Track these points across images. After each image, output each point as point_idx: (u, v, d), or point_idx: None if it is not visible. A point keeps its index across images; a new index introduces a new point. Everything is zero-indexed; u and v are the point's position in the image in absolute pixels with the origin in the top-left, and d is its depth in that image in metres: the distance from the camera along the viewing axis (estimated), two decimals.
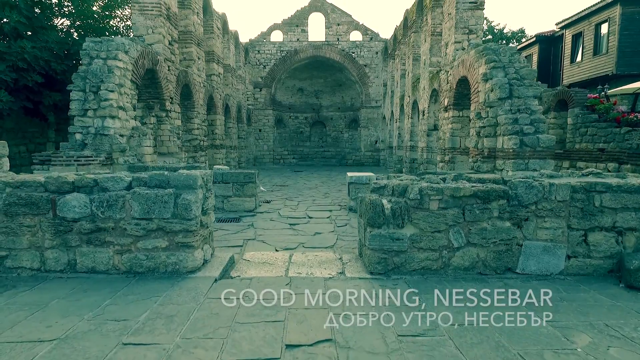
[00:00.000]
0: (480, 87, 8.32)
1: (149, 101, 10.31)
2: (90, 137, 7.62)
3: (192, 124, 12.92)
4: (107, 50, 7.98)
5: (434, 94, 12.51)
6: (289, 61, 23.46)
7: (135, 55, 8.67)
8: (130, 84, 8.51)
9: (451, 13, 10.53)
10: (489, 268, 3.83)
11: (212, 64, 15.27)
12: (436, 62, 12.68)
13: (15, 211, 3.79)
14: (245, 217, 7.28)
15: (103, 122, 7.63)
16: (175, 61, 11.15)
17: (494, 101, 7.64)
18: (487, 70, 7.95)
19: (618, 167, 9.69)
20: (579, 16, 15.92)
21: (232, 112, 18.19)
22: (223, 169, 8.14)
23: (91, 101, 7.64)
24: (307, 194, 10.47)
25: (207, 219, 4.19)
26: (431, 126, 13.05)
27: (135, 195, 3.76)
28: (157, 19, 10.14)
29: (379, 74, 23.34)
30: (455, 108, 10.37)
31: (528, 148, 7.04)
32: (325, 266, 4.10)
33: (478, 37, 10.22)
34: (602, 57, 14.68)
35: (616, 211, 3.78)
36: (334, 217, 7.31)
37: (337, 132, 26.23)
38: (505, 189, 3.79)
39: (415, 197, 3.76)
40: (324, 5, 23.23)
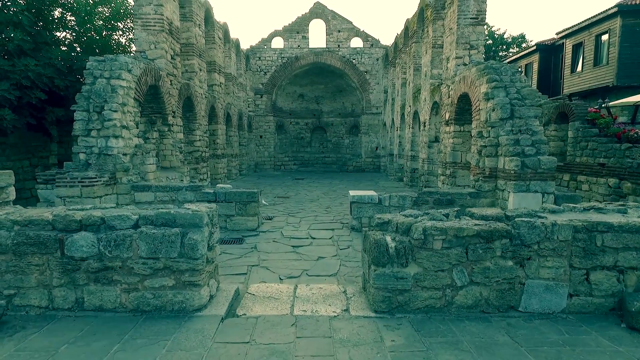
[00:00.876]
0: (481, 106, 8.36)
1: (152, 116, 10.36)
2: (94, 157, 7.66)
3: (194, 135, 12.97)
4: (111, 70, 8.02)
5: (435, 106, 12.56)
6: (289, 67, 23.50)
7: (138, 73, 8.71)
8: (134, 102, 8.55)
9: (452, 28, 10.58)
10: (492, 306, 3.88)
11: (214, 74, 15.32)
12: (437, 75, 12.72)
13: (24, 250, 3.83)
14: (248, 238, 7.33)
15: (107, 142, 7.67)
16: (177, 75, 11.19)
17: (496, 121, 7.68)
18: (489, 90, 7.99)
19: (618, 183, 9.74)
20: (579, 26, 15.97)
21: (233, 120, 18.24)
22: (226, 187, 8.18)
23: (95, 121, 7.68)
24: (308, 208, 10.51)
25: (212, 254, 4.24)
26: (432, 138, 13.09)
27: (142, 235, 3.81)
28: (160, 34, 10.19)
29: (380, 81, 23.38)
30: (457, 123, 10.41)
31: (529, 170, 7.08)
32: (330, 302, 4.14)
33: (479, 52, 10.26)
34: (603, 68, 14.72)
35: (617, 251, 3.83)
36: (336, 237, 7.35)
37: (338, 138, 26.26)
38: (508, 228, 3.83)
39: (419, 237, 3.80)
40: (325, 12, 23.27)
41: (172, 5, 10.89)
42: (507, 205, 7.32)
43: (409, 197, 7.86)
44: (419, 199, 7.84)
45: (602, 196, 10.34)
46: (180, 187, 7.86)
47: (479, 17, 10.13)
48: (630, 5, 13.58)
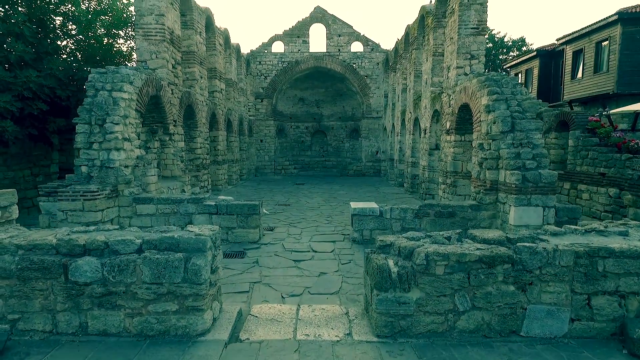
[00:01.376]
0: (482, 117, 8.38)
1: (153, 125, 10.38)
2: (96, 170, 7.68)
3: (195, 143, 12.99)
4: (112, 82, 8.04)
5: (435, 114, 12.58)
6: (290, 72, 23.52)
7: (140, 84, 8.73)
8: (135, 113, 8.57)
9: (453, 37, 10.59)
10: (494, 331, 3.90)
11: (215, 81, 15.35)
12: (438, 82, 12.74)
13: (28, 275, 3.85)
14: (249, 250, 7.35)
15: (108, 154, 7.69)
16: (178, 84, 11.21)
17: (496, 134, 7.70)
18: (490, 102, 8.01)
19: (619, 193, 9.76)
20: (579, 33, 15.99)
21: (233, 125, 18.25)
22: (227, 199, 8.20)
23: (97, 134, 7.70)
24: (309, 218, 10.53)
25: (215, 276, 4.26)
26: (433, 145, 13.11)
27: (146, 260, 3.83)
28: (161, 44, 10.21)
29: (380, 85, 23.41)
30: (457, 132, 10.43)
31: (530, 184, 7.10)
32: (333, 325, 4.16)
33: (480, 62, 10.28)
34: (603, 76, 14.74)
35: (619, 276, 3.85)
36: (337, 250, 7.37)
37: (338, 142, 26.29)
38: (509, 253, 3.85)
39: (422, 263, 3.82)
40: (325, 17, 23.29)
41: (173, 14, 10.91)
42: (508, 219, 7.34)
43: (410, 209, 7.88)
44: (420, 211, 7.87)
45: (602, 206, 10.37)
46: (182, 199, 7.88)
47: (480, 27, 10.15)
48: (631, 13, 13.59)
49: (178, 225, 7.84)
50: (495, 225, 7.86)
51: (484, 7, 10.13)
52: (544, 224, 7.18)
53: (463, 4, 10.07)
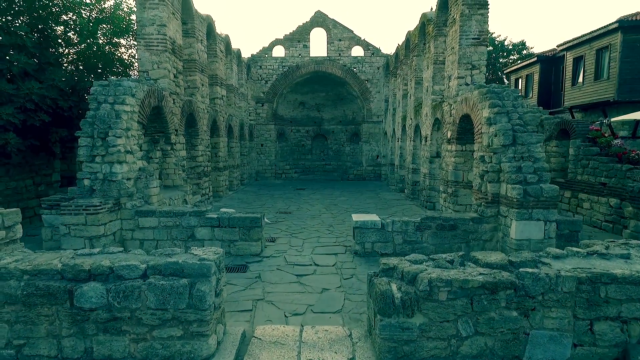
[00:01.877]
0: (483, 129, 8.40)
1: (154, 135, 10.40)
2: (99, 183, 7.71)
3: (197, 151, 13.01)
4: (115, 95, 8.06)
5: (436, 122, 12.60)
6: (290, 76, 23.55)
7: (142, 96, 8.76)
8: (137, 125, 8.59)
9: (454, 47, 10.61)
10: (497, 356, 3.92)
11: (216, 87, 15.37)
12: (439, 91, 12.76)
13: (34, 301, 3.87)
14: (252, 264, 7.37)
15: (111, 167, 7.72)
16: (180, 93, 11.23)
17: (498, 148, 7.72)
18: (491, 115, 8.03)
19: (619, 204, 9.80)
20: (579, 40, 16.01)
21: (234, 131, 18.28)
22: (229, 211, 8.22)
23: (99, 147, 7.72)
24: (311, 227, 10.55)
25: (219, 299, 4.28)
26: (434, 153, 13.13)
27: (150, 286, 3.85)
28: (163, 54, 10.23)
29: (381, 89, 23.44)
30: (458, 142, 10.46)
31: (532, 198, 7.12)
32: (336, 348, 4.18)
33: (481, 72, 10.30)
34: (603, 83, 14.77)
35: (621, 302, 3.87)
36: (339, 264, 7.40)
37: (339, 146, 26.31)
38: (512, 279, 3.87)
39: (425, 289, 3.84)
40: (326, 21, 23.32)
41: (175, 24, 10.94)
42: (509, 233, 7.36)
43: (412, 222, 7.91)
44: (422, 224, 7.89)
45: (603, 215, 10.40)
46: (184, 212, 7.90)
47: (481, 37, 10.17)
48: (632, 21, 13.62)
49: (181, 239, 7.90)
50: (496, 238, 7.89)
51: (485, 18, 10.15)
52: (546, 238, 7.22)
53: (464, 15, 10.09)
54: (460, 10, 10.16)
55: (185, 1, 11.76)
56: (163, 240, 7.92)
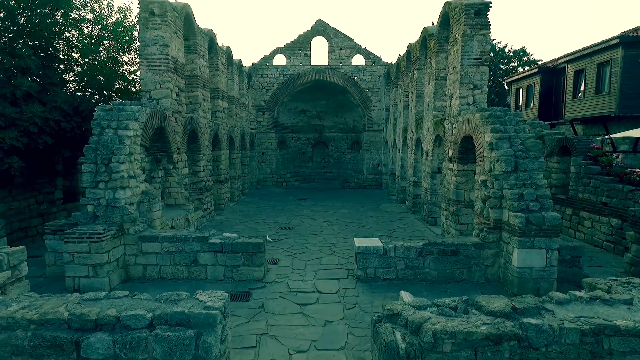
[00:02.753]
0: (485, 153, 8.43)
1: (157, 154, 10.43)
2: (102, 209, 7.73)
3: (198, 166, 13.04)
4: (118, 120, 8.09)
5: (437, 138, 12.62)
6: (291, 85, 23.59)
7: (145, 119, 8.79)
8: (140, 148, 8.62)
9: (456, 67, 10.64)
10: None
11: (217, 101, 15.40)
12: (440, 107, 12.79)
13: (41, 353, 3.90)
14: (255, 291, 7.40)
15: (114, 194, 7.74)
16: (181, 111, 11.25)
17: (500, 174, 7.75)
18: (493, 141, 8.05)
19: (620, 224, 9.82)
20: (580, 54, 16.03)
21: (236, 142, 18.30)
22: (232, 236, 8.25)
23: (102, 173, 7.74)
24: (312, 246, 10.56)
25: (225, 345, 4.31)
26: (435, 169, 13.16)
27: (157, 337, 3.87)
28: (165, 74, 10.25)
29: (382, 98, 23.47)
30: (460, 162, 10.47)
31: (534, 226, 7.14)
32: None
33: (483, 92, 10.32)
34: (604, 97, 14.80)
35: (625, 354, 3.90)
36: (342, 291, 7.42)
37: (339, 153, 26.34)
38: (516, 331, 3.90)
39: (429, 340, 3.87)
40: (327, 30, 23.35)
41: (177, 42, 10.96)
42: (511, 260, 7.38)
43: (414, 247, 7.93)
44: (424, 249, 7.92)
45: (604, 235, 10.43)
46: (187, 238, 7.93)
47: (483, 57, 10.19)
48: (633, 37, 13.65)
49: (184, 265, 7.92)
50: (498, 264, 7.91)
51: (487, 38, 10.17)
52: (548, 266, 7.25)
53: (466, 35, 10.12)
54: (462, 31, 10.18)
55: (187, 18, 11.78)
56: (166, 265, 7.95)
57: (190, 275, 7.98)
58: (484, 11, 10.10)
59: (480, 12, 10.09)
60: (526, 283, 7.20)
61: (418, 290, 7.53)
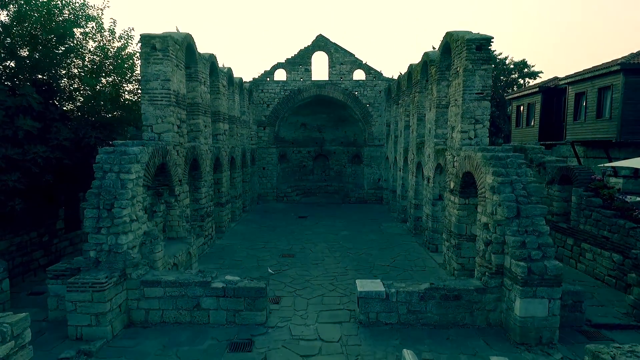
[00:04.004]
0: (487, 195, 8.43)
1: (159, 188, 10.43)
2: (104, 255, 7.74)
3: (200, 193, 13.05)
4: (120, 164, 8.09)
5: (439, 167, 12.62)
6: (292, 100, 23.60)
7: (147, 159, 8.79)
8: (142, 189, 8.63)
9: (457, 100, 10.64)
10: None
11: (218, 124, 15.41)
12: (442, 134, 12.79)
13: None
14: (257, 337, 7.42)
15: (116, 239, 7.75)
16: (183, 142, 11.26)
17: (502, 219, 7.75)
18: (495, 184, 8.05)
19: (622, 260, 9.82)
20: (581, 77, 16.02)
21: (236, 161, 18.31)
22: (234, 279, 8.24)
23: (105, 218, 7.74)
24: (314, 280, 10.56)
25: None
26: (436, 195, 13.16)
27: None
28: (167, 108, 10.25)
29: (382, 113, 23.49)
30: (462, 195, 10.48)
31: (536, 276, 7.13)
32: None
33: (485, 127, 10.33)
34: (605, 122, 14.80)
35: None
36: (344, 338, 7.43)
37: (340, 166, 26.36)
38: None
39: None
40: (328, 45, 23.36)
41: (179, 74, 10.96)
42: (513, 307, 7.39)
43: (416, 292, 7.94)
44: (426, 294, 7.93)
45: (606, 269, 10.43)
46: (190, 282, 7.94)
47: (485, 92, 10.19)
48: (634, 64, 13.65)
49: (186, 309, 7.94)
50: (500, 309, 7.92)
51: (489, 73, 10.18)
52: (550, 315, 7.25)
53: (467, 70, 10.12)
54: (464, 65, 10.19)
55: (188, 47, 11.77)
56: (168, 309, 7.96)
57: (192, 320, 7.98)
58: (485, 46, 10.11)
59: (482, 47, 10.09)
60: (529, 332, 7.21)
61: (420, 336, 7.57)
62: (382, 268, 11.69)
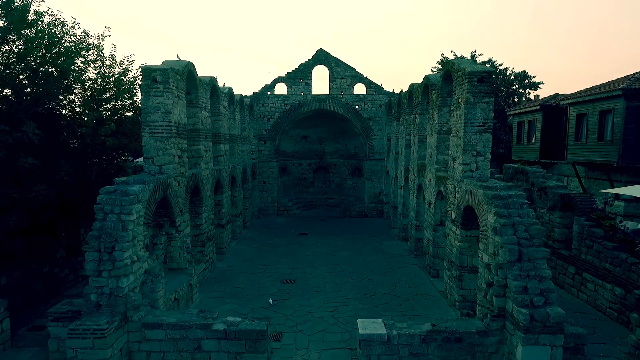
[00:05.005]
0: (489, 234, 8.41)
1: (159, 220, 10.41)
2: (105, 298, 7.73)
3: (200, 219, 13.04)
4: (121, 205, 8.07)
5: (440, 193, 12.60)
6: (292, 114, 23.60)
7: (147, 196, 8.77)
8: (143, 227, 8.61)
9: (459, 131, 10.61)
10: None
11: (219, 145, 15.39)
12: (443, 160, 12.77)
13: None
14: None
15: (117, 282, 7.74)
16: (184, 172, 11.24)
17: (504, 263, 7.73)
18: (497, 225, 8.02)
19: (624, 294, 9.79)
20: (583, 99, 15.98)
21: (237, 180, 18.29)
22: (236, 321, 8.22)
23: (106, 262, 7.73)
24: (315, 312, 10.55)
25: None
26: (437, 221, 13.14)
27: None
28: (168, 140, 10.23)
29: (383, 127, 23.48)
30: (463, 227, 10.46)
31: (538, 323, 7.11)
32: None
33: (486, 159, 10.30)
34: (607, 145, 14.76)
35: None
36: None
37: (341, 179, 26.39)
38: None
39: None
40: (328, 59, 23.35)
41: (180, 104, 10.94)
42: (515, 353, 7.37)
43: (417, 335, 7.92)
44: (428, 337, 7.91)
45: (608, 302, 10.40)
46: (191, 325, 7.92)
47: (486, 124, 10.17)
48: (635, 90, 13.60)
49: (187, 351, 7.92)
50: (502, 351, 7.90)
51: (490, 106, 10.16)
52: None
53: (469, 102, 10.09)
54: (466, 98, 10.16)
55: (189, 75, 11.75)
56: (170, 352, 7.94)
57: None
58: (487, 79, 10.08)
59: (483, 79, 10.06)
60: None
61: None
62: (384, 297, 11.67)
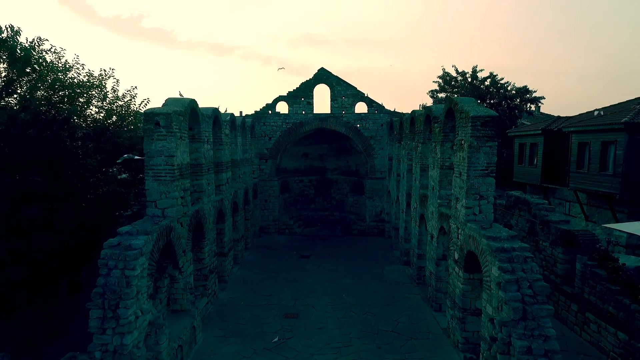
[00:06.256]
0: (492, 287, 8.43)
1: (162, 263, 10.40)
2: (109, 355, 7.72)
3: (203, 253, 13.03)
4: (125, 261, 8.06)
5: (442, 229, 12.60)
6: (294, 133, 23.61)
7: (150, 247, 8.77)
8: (148, 279, 8.61)
9: (462, 174, 10.60)
10: None
11: (221, 174, 15.36)
12: (445, 195, 12.75)
13: None
14: None
15: (122, 339, 7.73)
16: (187, 212, 11.22)
17: (507, 320, 7.73)
18: (501, 280, 8.03)
19: (628, 340, 9.79)
20: (585, 128, 15.99)
21: (239, 204, 18.28)
22: None
23: (110, 319, 7.73)
24: (318, 353, 10.58)
25: None
26: (440, 255, 13.13)
27: None
28: (171, 184, 10.22)
29: (384, 146, 23.47)
30: (466, 270, 10.46)
31: None
32: None
33: (489, 203, 10.29)
34: (609, 177, 14.75)
35: None
36: None
37: (342, 196, 26.41)
38: None
39: None
40: (330, 78, 23.36)
41: (183, 145, 10.93)
42: None
43: None
44: None
45: (611, 345, 10.40)
46: None
47: (489, 169, 10.16)
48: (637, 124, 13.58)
49: None
50: None
51: (494, 150, 10.15)
52: None
53: (473, 147, 10.08)
54: (469, 142, 10.15)
55: (192, 112, 11.73)
56: None
57: None
58: (490, 123, 10.08)
59: (487, 124, 10.06)
60: None
61: None
62: (386, 335, 11.67)
